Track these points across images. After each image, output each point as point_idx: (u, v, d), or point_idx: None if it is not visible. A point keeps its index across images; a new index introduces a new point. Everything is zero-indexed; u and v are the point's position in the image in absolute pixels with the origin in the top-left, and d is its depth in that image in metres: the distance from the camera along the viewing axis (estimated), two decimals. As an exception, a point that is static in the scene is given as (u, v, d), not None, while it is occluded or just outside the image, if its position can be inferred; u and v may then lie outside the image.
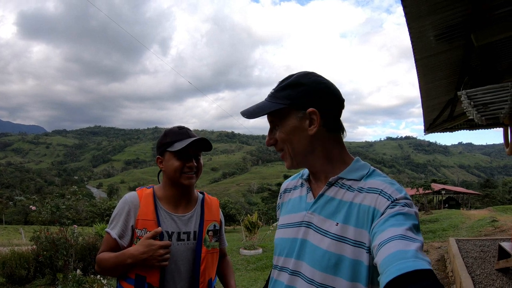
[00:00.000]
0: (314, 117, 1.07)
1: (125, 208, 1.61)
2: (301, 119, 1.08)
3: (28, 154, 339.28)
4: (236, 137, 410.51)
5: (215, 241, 1.74)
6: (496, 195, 49.39)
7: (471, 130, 7.92)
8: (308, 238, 1.09)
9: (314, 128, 1.07)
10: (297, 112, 1.08)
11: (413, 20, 3.42)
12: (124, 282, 1.57)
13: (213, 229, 1.74)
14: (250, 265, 9.02)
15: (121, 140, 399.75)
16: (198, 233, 1.68)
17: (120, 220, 1.60)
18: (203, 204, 1.77)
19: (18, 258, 6.06)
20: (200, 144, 1.67)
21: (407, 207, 0.92)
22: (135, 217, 1.60)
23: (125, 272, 1.57)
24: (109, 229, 1.61)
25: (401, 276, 0.71)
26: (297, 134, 1.09)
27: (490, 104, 3.40)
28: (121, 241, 1.59)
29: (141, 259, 1.49)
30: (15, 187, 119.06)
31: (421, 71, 4.62)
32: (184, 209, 1.70)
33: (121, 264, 1.53)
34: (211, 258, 1.71)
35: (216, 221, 1.78)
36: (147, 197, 1.65)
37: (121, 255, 1.53)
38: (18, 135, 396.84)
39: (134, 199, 1.63)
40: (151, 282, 1.53)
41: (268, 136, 1.18)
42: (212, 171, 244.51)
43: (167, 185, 1.69)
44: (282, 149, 1.15)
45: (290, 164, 1.15)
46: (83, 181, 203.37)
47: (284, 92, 1.10)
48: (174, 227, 1.63)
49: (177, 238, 1.62)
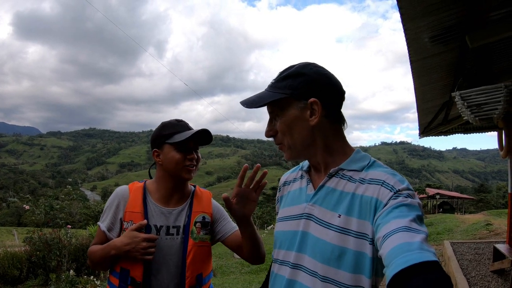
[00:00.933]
0: (316, 107, 1.05)
1: (115, 201, 1.60)
2: (302, 109, 1.06)
3: (22, 155, 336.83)
4: (231, 141, 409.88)
5: (204, 234, 1.65)
6: (490, 200, 49.66)
7: (466, 134, 7.97)
8: (309, 230, 1.07)
9: (315, 119, 1.05)
10: (298, 103, 1.06)
11: (408, 22, 3.44)
12: (111, 275, 1.57)
13: (201, 221, 1.65)
14: (244, 268, 8.99)
15: (116, 142, 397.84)
16: (185, 226, 1.62)
17: (109, 213, 1.59)
18: (193, 197, 1.72)
19: (10, 258, 6.00)
20: (200, 137, 1.64)
21: (410, 198, 0.91)
22: (124, 210, 1.58)
23: (112, 266, 1.56)
24: (100, 222, 1.61)
25: (407, 269, 0.70)
26: (298, 124, 1.07)
27: (484, 105, 3.43)
28: (109, 233, 1.57)
29: (123, 251, 1.47)
30: (9, 189, 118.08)
31: (416, 73, 4.64)
32: (176, 203, 1.66)
33: (106, 256, 1.51)
34: (200, 252, 1.61)
35: (206, 213, 1.68)
36: (137, 190, 1.63)
37: (106, 247, 1.52)
38: (13, 136, 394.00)
39: (125, 192, 1.62)
40: (134, 276, 1.50)
41: (267, 127, 1.15)
42: (206, 175, 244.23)
43: (162, 179, 1.64)
44: (281, 141, 1.12)
45: (289, 156, 1.12)
46: (77, 184, 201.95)
47: (284, 82, 1.08)
48: (163, 221, 1.59)
49: (166, 233, 1.58)
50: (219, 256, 11.02)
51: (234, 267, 9.20)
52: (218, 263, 9.75)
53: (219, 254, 11.30)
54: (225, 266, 9.26)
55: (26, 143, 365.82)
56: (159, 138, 1.62)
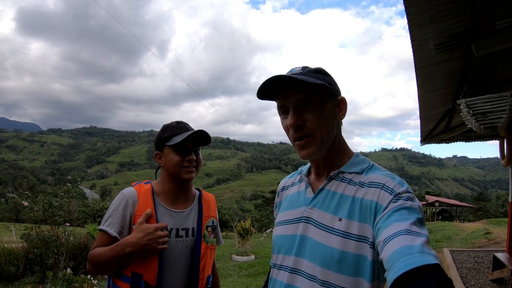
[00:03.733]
0: (342, 105, 1.08)
1: (122, 204, 1.56)
2: (334, 105, 1.07)
3: (23, 151, 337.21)
4: (232, 143, 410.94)
5: (213, 237, 1.71)
6: (489, 208, 49.58)
7: (467, 142, 7.98)
8: (308, 234, 1.06)
9: (342, 116, 1.08)
10: (332, 98, 1.07)
11: (415, 28, 3.42)
12: (118, 280, 1.51)
13: (211, 225, 1.71)
14: (242, 271, 8.96)
15: (116, 141, 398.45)
16: (196, 229, 1.65)
17: (117, 217, 1.54)
18: (201, 200, 1.74)
19: (7, 255, 5.97)
20: (199, 138, 1.65)
21: (410, 201, 0.91)
22: (133, 213, 1.55)
23: (120, 270, 1.50)
24: (105, 226, 1.53)
25: (408, 272, 0.69)
26: (332, 119, 1.07)
27: (489, 113, 3.43)
28: (120, 238, 1.52)
29: (141, 245, 1.43)
30: (8, 184, 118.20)
31: (420, 80, 4.63)
32: (182, 205, 1.67)
33: (119, 256, 1.45)
34: (210, 254, 1.68)
35: (214, 217, 1.76)
36: (146, 192, 1.61)
37: (117, 246, 1.46)
38: (13, 132, 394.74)
39: (133, 194, 1.59)
40: (148, 280, 1.47)
41: (295, 115, 1.04)
42: (206, 176, 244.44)
43: (166, 181, 1.66)
44: (311, 133, 1.04)
45: (315, 151, 1.06)
46: (77, 181, 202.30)
47: (318, 75, 1.05)
48: (173, 223, 1.60)
49: (176, 235, 1.59)
50: (216, 259, 10.90)
51: (232, 270, 9.16)
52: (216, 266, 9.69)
53: (217, 256, 11.26)
54: (222, 269, 9.22)
55: (27, 139, 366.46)
56: (160, 141, 1.65)
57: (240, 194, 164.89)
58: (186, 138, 1.58)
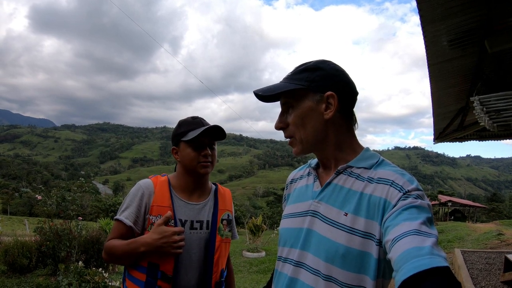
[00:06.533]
0: (332, 101, 1.04)
1: (139, 194, 1.57)
2: (317, 102, 1.05)
3: (36, 147, 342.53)
4: (244, 140, 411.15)
5: (228, 231, 1.72)
6: (502, 209, 48.94)
7: (481, 141, 7.85)
8: (314, 228, 1.05)
9: (330, 113, 1.04)
10: (314, 95, 1.05)
11: (427, 24, 3.39)
12: (134, 271, 1.53)
13: (227, 219, 1.72)
14: (252, 268, 8.99)
15: (129, 137, 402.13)
16: (211, 222, 1.65)
17: (133, 206, 1.56)
18: (216, 194, 1.75)
19: (20, 247, 6.06)
20: (214, 133, 1.65)
21: (420, 199, 0.89)
22: (150, 204, 1.57)
23: (136, 261, 1.52)
24: (122, 216, 1.56)
25: (417, 275, 0.69)
26: (312, 117, 1.06)
27: (503, 111, 3.36)
28: (135, 227, 1.55)
29: (155, 247, 1.46)
30: (22, 179, 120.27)
31: (433, 77, 4.58)
32: (198, 198, 1.68)
33: (133, 253, 1.48)
34: (225, 247, 1.69)
35: (229, 211, 1.76)
36: (162, 184, 1.63)
37: (133, 243, 1.49)
38: (28, 128, 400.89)
39: (149, 185, 1.60)
40: (165, 270, 1.50)
41: (278, 119, 1.13)
42: (218, 173, 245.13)
43: (183, 175, 1.67)
44: (291, 135, 1.10)
45: (300, 150, 1.10)
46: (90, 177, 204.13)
47: (302, 75, 1.07)
48: (188, 216, 1.61)
49: (190, 227, 1.60)
50: (227, 255, 11.00)
51: (242, 265, 9.19)
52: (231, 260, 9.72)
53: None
54: (233, 265, 9.25)
55: (41, 135, 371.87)
56: (176, 136, 1.66)
57: (252, 191, 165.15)
58: (202, 133, 1.58)
